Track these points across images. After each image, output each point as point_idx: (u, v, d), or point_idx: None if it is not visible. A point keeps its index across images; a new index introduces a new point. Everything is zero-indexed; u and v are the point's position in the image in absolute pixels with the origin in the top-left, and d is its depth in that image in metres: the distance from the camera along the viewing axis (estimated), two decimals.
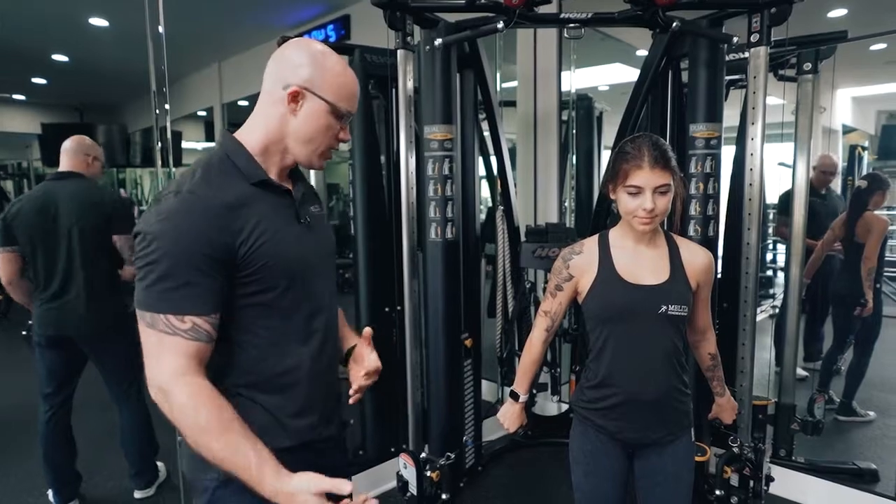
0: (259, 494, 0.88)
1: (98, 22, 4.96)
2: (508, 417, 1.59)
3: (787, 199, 3.18)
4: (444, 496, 2.42)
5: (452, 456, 2.48)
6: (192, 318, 0.91)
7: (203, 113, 7.30)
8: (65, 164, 2.39)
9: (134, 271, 0.95)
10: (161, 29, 1.84)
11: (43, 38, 5.55)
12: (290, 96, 1.00)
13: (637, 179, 1.29)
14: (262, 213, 0.98)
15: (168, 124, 1.90)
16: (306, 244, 1.07)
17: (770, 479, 2.35)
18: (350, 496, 0.89)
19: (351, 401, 1.19)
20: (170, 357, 0.90)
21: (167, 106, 1.84)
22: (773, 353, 2.90)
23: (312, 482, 0.88)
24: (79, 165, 2.40)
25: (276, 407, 1.02)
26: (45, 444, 2.42)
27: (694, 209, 2.34)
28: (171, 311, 0.90)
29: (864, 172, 4.71)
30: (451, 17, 2.36)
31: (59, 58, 6.29)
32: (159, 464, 2.68)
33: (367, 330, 1.20)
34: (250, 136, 1.04)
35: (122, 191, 8.79)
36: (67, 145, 2.40)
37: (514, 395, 1.59)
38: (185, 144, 7.98)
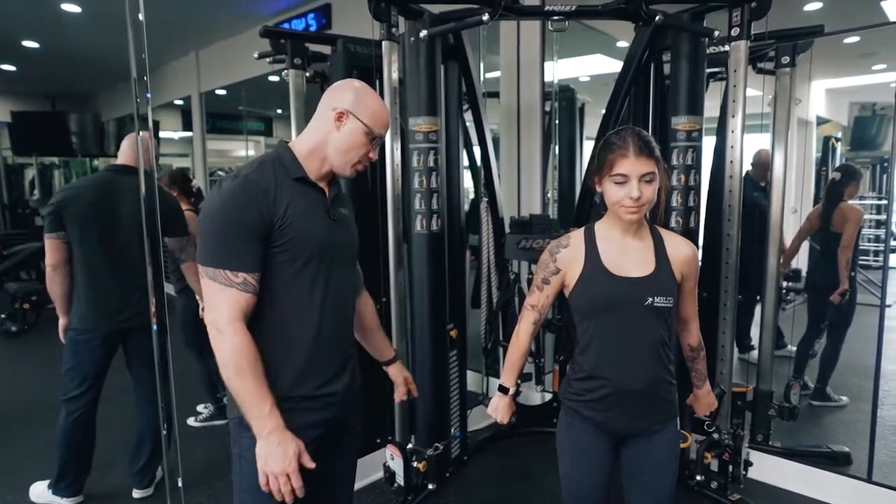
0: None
1: (70, 8, 4.82)
2: (499, 410, 1.60)
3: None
4: (430, 486, 2.45)
5: (440, 447, 2.50)
6: (244, 275, 1.16)
7: (180, 102, 7.15)
8: (123, 159, 2.37)
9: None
10: (141, 16, 1.80)
11: (12, 24, 5.38)
12: (336, 115, 1.27)
13: (623, 168, 1.31)
14: (295, 200, 1.22)
15: (150, 113, 1.86)
16: (331, 234, 1.30)
17: (748, 463, 2.42)
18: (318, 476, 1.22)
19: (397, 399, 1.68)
20: (226, 305, 1.15)
21: (148, 95, 1.79)
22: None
23: (299, 444, 1.16)
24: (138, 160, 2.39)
25: (285, 359, 1.24)
26: (68, 443, 2.37)
27: (675, 200, 2.38)
28: (228, 268, 1.16)
29: (838, 163, 4.80)
30: (436, 9, 2.35)
31: (30, 44, 6.10)
32: None
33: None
34: (300, 143, 1.30)
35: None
36: (126, 141, 2.39)
37: (503, 389, 1.60)
38: (162, 134, 7.83)
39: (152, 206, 1.94)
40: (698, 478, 2.40)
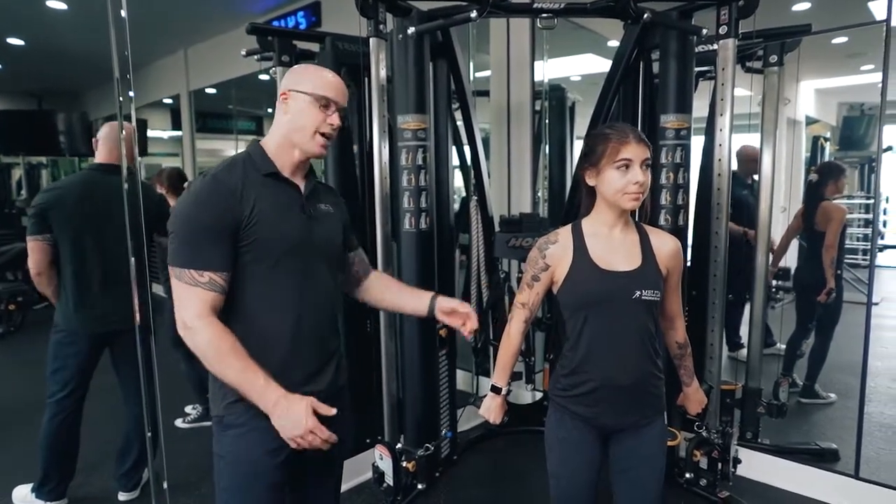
0: (256, 418, 1.18)
1: (56, 4, 4.77)
2: (492, 411, 1.59)
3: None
4: (420, 486, 2.44)
5: (431, 447, 2.49)
6: (209, 273, 1.17)
7: (169, 101, 7.09)
8: (107, 157, 2.33)
9: None
10: (123, 13, 1.77)
11: None
12: (281, 99, 1.29)
13: (628, 152, 1.34)
14: (264, 198, 1.22)
15: (133, 113, 1.83)
16: (306, 230, 1.29)
17: (737, 461, 2.42)
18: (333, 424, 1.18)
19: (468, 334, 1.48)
20: (193, 303, 1.16)
21: (131, 93, 1.77)
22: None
23: (307, 399, 1.16)
24: (121, 158, 2.34)
25: (261, 357, 1.20)
26: (51, 446, 2.33)
27: (664, 198, 2.38)
28: (193, 267, 1.16)
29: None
30: (424, 6, 2.34)
31: (15, 41, 6.03)
32: None
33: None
34: (269, 139, 1.31)
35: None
36: (107, 135, 2.32)
37: (496, 389, 1.59)
38: (150, 133, 7.76)
39: (136, 203, 1.91)
40: (687, 475, 2.41)
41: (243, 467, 1.26)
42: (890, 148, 3.50)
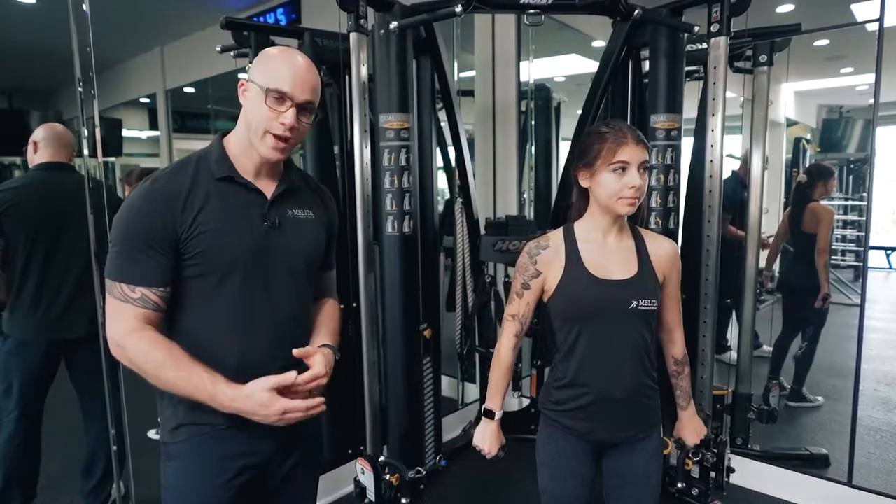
0: (209, 413, 1.07)
1: None
2: (487, 440, 1.48)
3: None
4: (404, 501, 2.34)
5: (423, 471, 2.40)
6: (142, 290, 1.06)
7: (147, 100, 6.91)
8: (52, 155, 2.22)
9: None
10: (86, 7, 1.68)
11: None
12: (241, 90, 1.13)
13: (625, 154, 1.26)
14: (213, 204, 1.09)
15: (96, 112, 1.73)
16: (265, 241, 1.13)
17: (731, 470, 2.37)
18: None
19: None
20: (123, 319, 1.06)
21: (93, 91, 1.67)
22: None
23: (263, 381, 1.05)
24: (68, 157, 2.25)
25: None
26: (8, 466, 2.19)
27: (655, 201, 2.33)
28: (125, 282, 1.06)
29: (808, 163, 4.85)
30: (407, 0, 2.26)
31: None
32: None
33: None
34: (232, 135, 1.17)
35: None
36: (49, 135, 2.23)
37: (489, 413, 1.48)
38: (126, 133, 7.55)
39: (98, 204, 1.80)
40: (679, 485, 2.34)
41: (190, 500, 1.16)
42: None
